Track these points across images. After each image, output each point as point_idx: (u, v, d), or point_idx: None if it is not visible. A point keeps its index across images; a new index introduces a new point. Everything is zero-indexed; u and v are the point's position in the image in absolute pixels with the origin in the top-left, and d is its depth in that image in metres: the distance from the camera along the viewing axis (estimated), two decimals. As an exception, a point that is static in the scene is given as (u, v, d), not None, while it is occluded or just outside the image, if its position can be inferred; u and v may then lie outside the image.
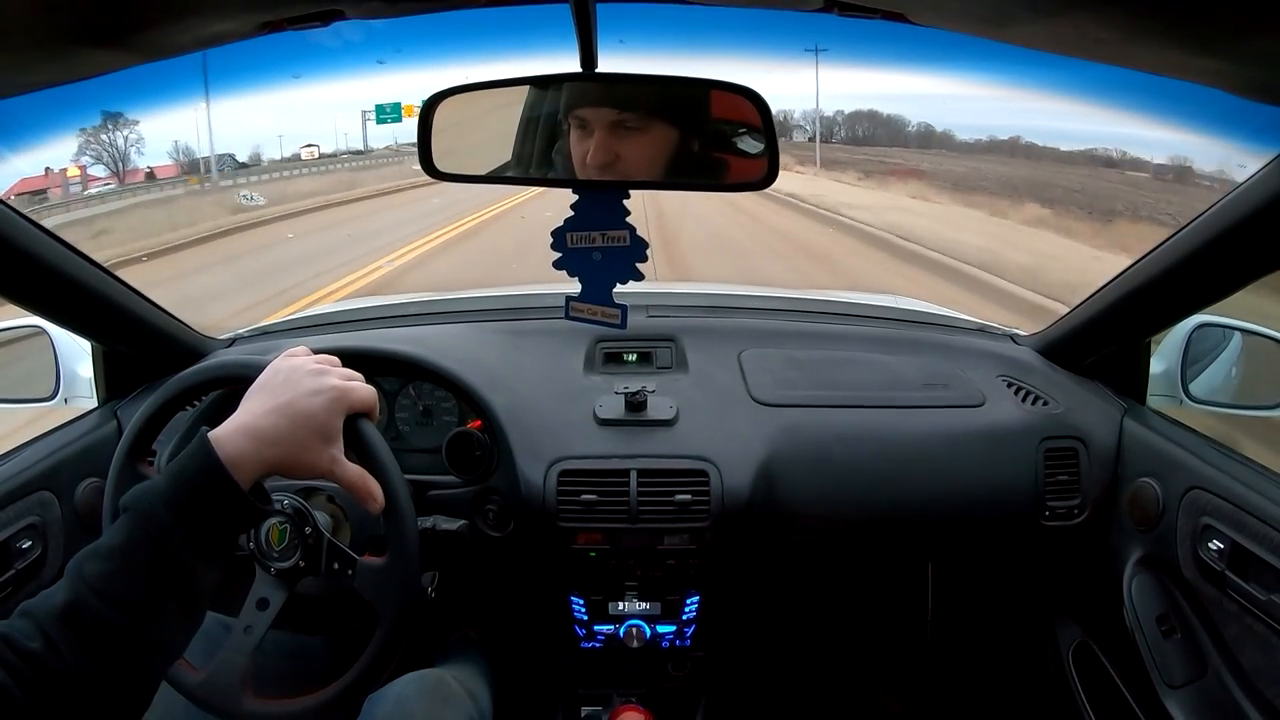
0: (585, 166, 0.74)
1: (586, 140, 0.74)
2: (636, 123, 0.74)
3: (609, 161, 0.73)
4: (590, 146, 0.73)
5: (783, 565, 1.32)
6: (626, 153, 0.74)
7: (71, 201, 14.60)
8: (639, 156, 0.74)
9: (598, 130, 0.73)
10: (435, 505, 1.06)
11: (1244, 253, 0.85)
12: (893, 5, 0.56)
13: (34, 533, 0.98)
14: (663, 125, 0.75)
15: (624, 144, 0.74)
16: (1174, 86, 0.53)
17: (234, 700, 0.77)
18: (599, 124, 0.73)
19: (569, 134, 0.75)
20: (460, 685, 0.98)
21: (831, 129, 26.91)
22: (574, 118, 0.74)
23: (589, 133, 0.74)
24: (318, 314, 1.52)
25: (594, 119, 0.73)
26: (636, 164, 0.74)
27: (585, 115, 0.74)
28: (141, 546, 0.57)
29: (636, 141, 0.74)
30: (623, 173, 0.74)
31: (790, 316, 1.40)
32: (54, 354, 1.18)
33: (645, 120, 0.74)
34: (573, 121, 0.75)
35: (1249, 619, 0.87)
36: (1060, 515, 1.11)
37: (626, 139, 0.74)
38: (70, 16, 0.48)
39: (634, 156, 0.74)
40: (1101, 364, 1.21)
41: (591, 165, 0.73)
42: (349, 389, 0.73)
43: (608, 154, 0.73)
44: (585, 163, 0.74)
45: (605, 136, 0.73)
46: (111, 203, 15.17)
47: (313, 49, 21.24)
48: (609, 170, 0.73)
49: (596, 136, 0.73)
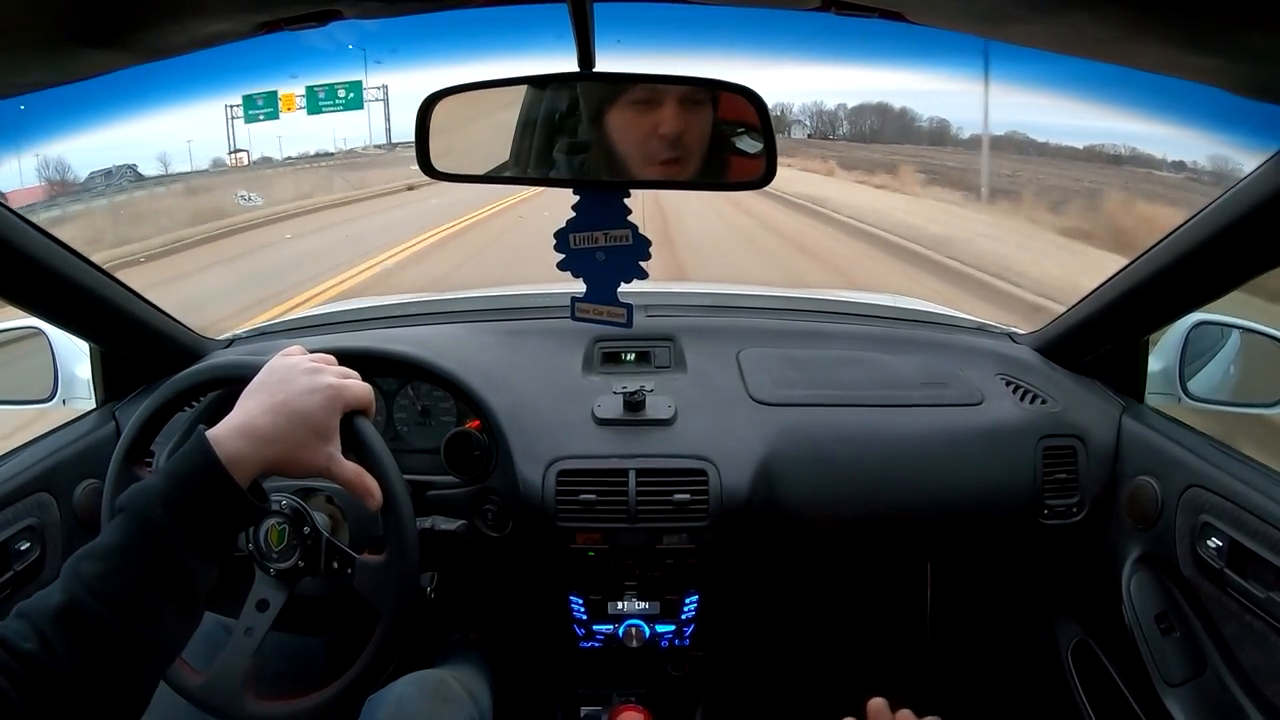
0: (651, 140, 0.74)
1: (652, 114, 0.73)
2: (700, 96, 0.74)
3: (681, 132, 0.74)
4: (662, 118, 0.73)
5: (781, 565, 1.32)
6: (692, 126, 0.74)
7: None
8: (698, 132, 0.75)
9: (669, 102, 0.73)
10: (434, 505, 1.06)
11: (1242, 250, 0.85)
12: (890, 4, 0.56)
13: (32, 534, 0.98)
14: (709, 108, 0.75)
15: (691, 117, 0.74)
16: (1172, 85, 0.53)
17: (235, 702, 0.77)
18: (672, 94, 0.73)
19: (599, 123, 0.74)
20: (461, 686, 0.98)
21: (833, 124, 25.92)
22: (638, 91, 0.74)
23: (655, 106, 0.73)
24: (316, 314, 1.52)
25: (666, 90, 0.73)
26: (696, 139, 0.75)
27: (648, 92, 0.73)
28: (138, 546, 0.57)
29: (699, 117, 0.74)
30: (687, 147, 0.74)
31: (789, 316, 1.40)
32: (52, 355, 1.18)
33: (705, 96, 0.74)
34: (627, 100, 0.74)
35: (1248, 617, 0.87)
36: (1059, 514, 1.11)
37: (692, 113, 0.74)
38: (67, 17, 0.48)
39: (697, 131, 0.75)
40: (1100, 362, 1.21)
41: (668, 134, 0.73)
42: (345, 387, 0.73)
43: (681, 122, 0.73)
44: (653, 135, 0.73)
45: (677, 107, 0.73)
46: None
47: (309, 50, 20.64)
48: (678, 144, 0.74)
49: (669, 108, 0.73)
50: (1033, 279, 6.78)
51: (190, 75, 18.14)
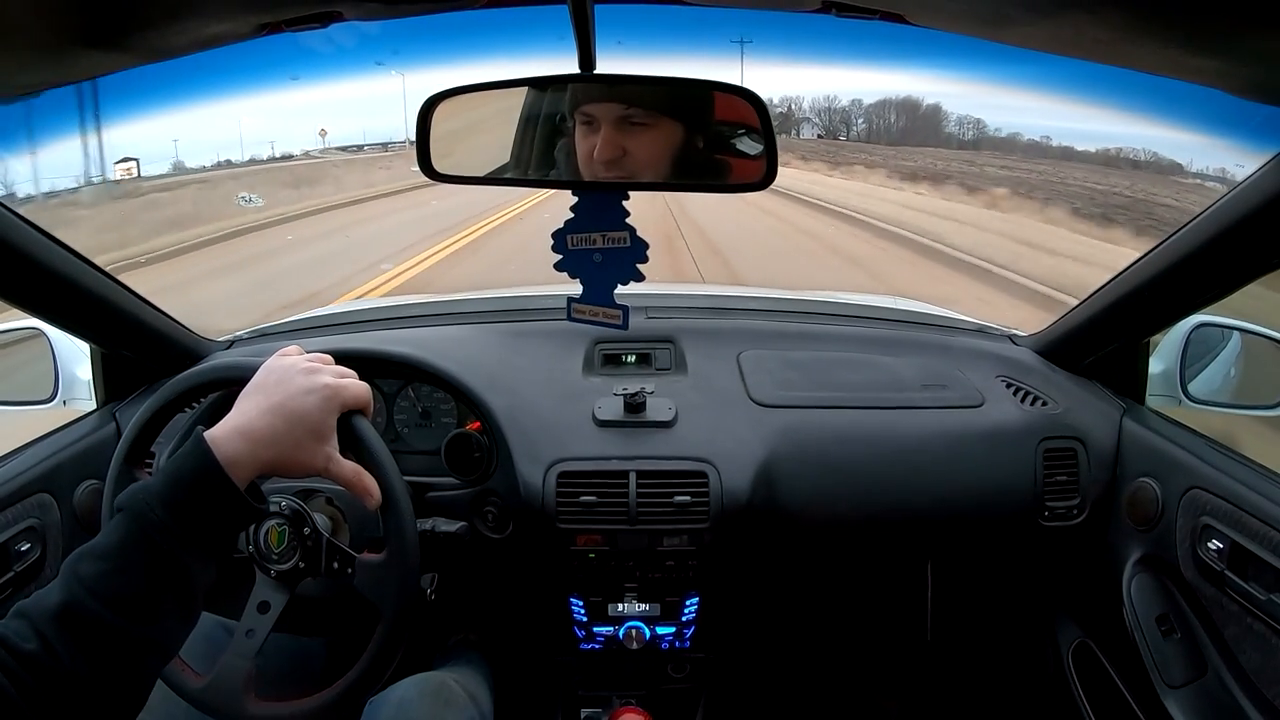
0: (591, 163, 0.73)
1: (593, 136, 0.73)
2: (643, 118, 0.73)
3: (615, 157, 0.73)
4: (597, 142, 0.73)
5: (782, 566, 1.31)
6: (633, 148, 0.73)
7: None
8: (645, 153, 0.74)
9: (604, 125, 0.73)
10: (434, 507, 1.06)
11: (1243, 252, 0.85)
12: (890, 6, 0.56)
13: (33, 535, 0.98)
14: (669, 122, 0.74)
15: (631, 139, 0.73)
16: (1173, 86, 0.53)
17: (238, 704, 0.77)
18: (605, 119, 0.73)
19: (573, 132, 0.75)
20: (461, 688, 0.98)
21: (848, 122, 24.60)
22: (580, 114, 0.74)
23: (595, 128, 0.73)
24: (317, 315, 1.52)
25: (600, 114, 0.73)
26: (643, 160, 0.74)
27: (591, 111, 0.73)
28: (137, 546, 0.57)
29: (643, 137, 0.74)
30: (629, 169, 0.73)
31: (789, 317, 1.40)
32: (52, 356, 1.18)
33: (652, 116, 0.74)
34: (578, 118, 0.74)
35: (1248, 619, 0.87)
36: (1059, 515, 1.11)
37: (633, 135, 0.73)
38: (69, 18, 0.48)
39: (640, 153, 0.74)
40: (1100, 364, 1.21)
41: (598, 160, 0.73)
42: (342, 386, 0.73)
43: (614, 149, 0.73)
44: (591, 158, 0.73)
45: (612, 132, 0.73)
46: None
47: (307, 51, 20.18)
48: (615, 166, 0.73)
49: (603, 132, 0.73)
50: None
51: (190, 76, 17.75)
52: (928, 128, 20.79)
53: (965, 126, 19.65)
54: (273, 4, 0.56)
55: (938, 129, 20.69)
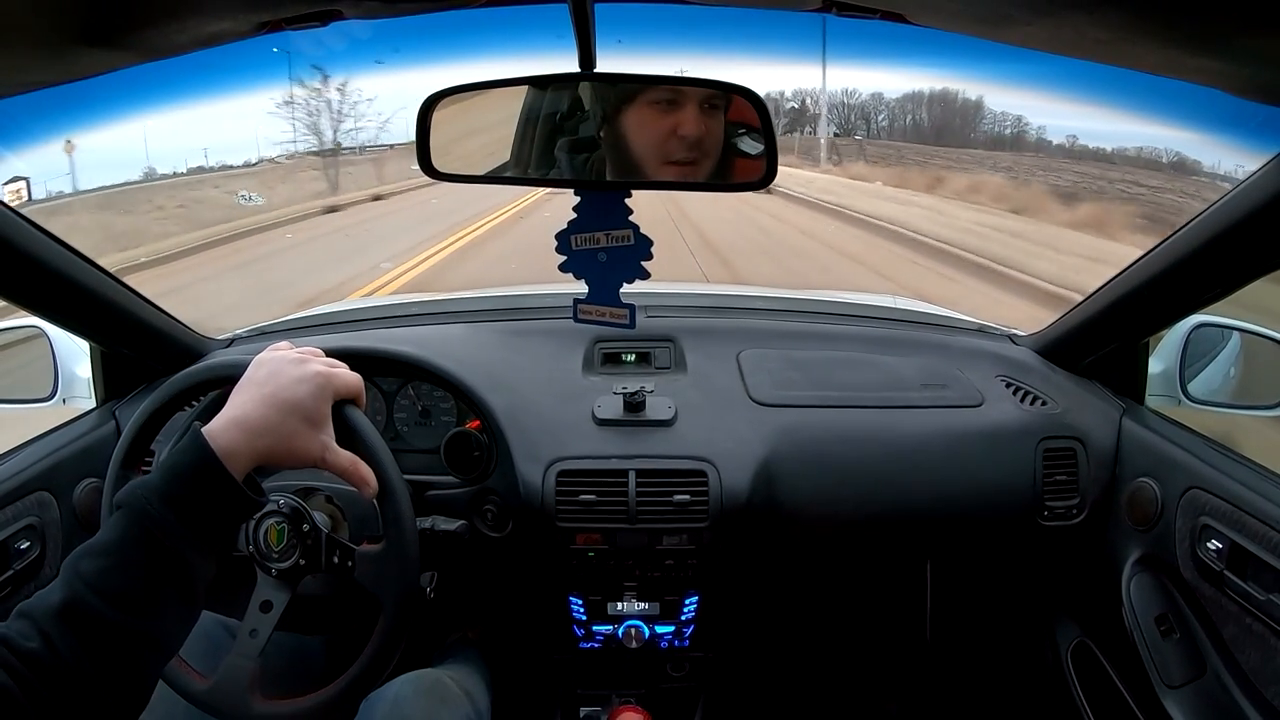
0: (667, 143, 0.74)
1: (672, 115, 0.73)
2: (718, 101, 0.74)
3: (702, 135, 0.73)
4: (681, 119, 0.73)
5: (781, 565, 1.32)
6: (711, 130, 0.74)
7: None
8: (716, 136, 0.75)
9: (691, 104, 0.73)
10: (434, 505, 1.06)
11: (1243, 252, 0.85)
12: (891, 5, 0.56)
13: (32, 533, 0.98)
14: (723, 113, 0.75)
15: (710, 121, 0.74)
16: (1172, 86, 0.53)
17: (243, 704, 0.77)
18: (693, 97, 0.73)
19: (614, 122, 0.74)
20: (458, 686, 0.98)
21: (866, 119, 22.17)
22: (660, 91, 0.74)
23: (676, 107, 0.73)
24: (317, 314, 1.52)
25: (689, 92, 0.73)
26: (714, 142, 0.74)
27: (680, 89, 0.73)
28: (137, 542, 0.57)
29: (716, 121, 0.74)
30: (703, 151, 0.74)
31: (789, 317, 1.40)
32: (52, 355, 1.18)
33: (722, 101, 0.74)
34: (648, 100, 0.74)
35: (1248, 619, 0.87)
36: (1059, 515, 1.11)
37: (711, 117, 0.74)
38: (68, 16, 0.48)
39: (714, 134, 0.74)
40: (1100, 364, 1.21)
41: (687, 135, 0.73)
42: (333, 374, 0.73)
43: (702, 126, 0.73)
44: (668, 138, 0.73)
45: (698, 110, 0.73)
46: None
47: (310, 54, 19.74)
48: (695, 148, 0.74)
49: (690, 109, 0.73)
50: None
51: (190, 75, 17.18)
52: (964, 124, 18.02)
53: (1003, 123, 16.98)
54: (273, 2, 0.56)
55: (973, 126, 17.86)
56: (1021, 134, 16.10)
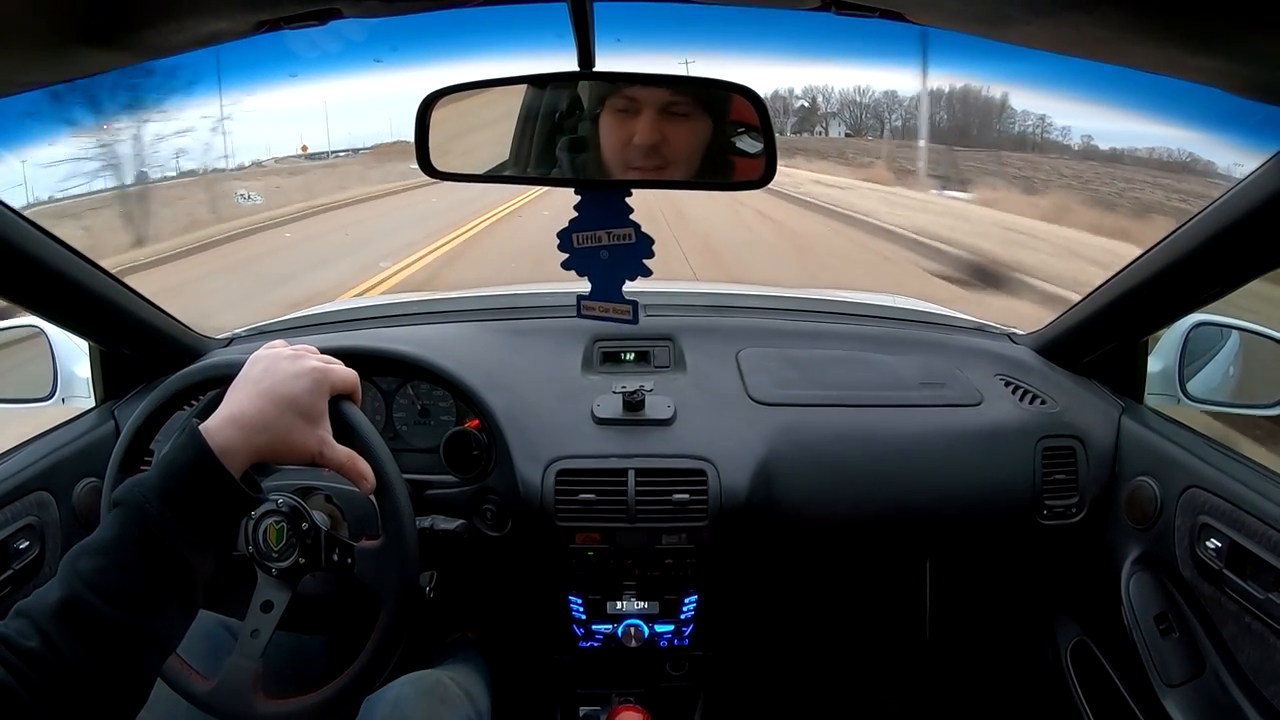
0: (625, 150, 0.73)
1: (630, 123, 0.73)
2: (685, 108, 0.73)
3: (656, 143, 0.72)
4: (637, 128, 0.72)
5: (781, 564, 1.32)
6: (672, 137, 0.73)
7: None
8: (682, 144, 0.73)
9: (647, 111, 0.72)
10: (433, 505, 1.06)
11: (1242, 251, 0.85)
12: (891, 4, 0.56)
13: (31, 533, 0.98)
14: (703, 117, 0.74)
15: (670, 128, 0.73)
16: (1172, 85, 0.53)
17: (246, 705, 0.77)
18: (650, 104, 0.72)
19: (596, 122, 0.73)
20: (458, 686, 0.98)
21: (880, 118, 20.25)
22: (619, 99, 0.73)
23: (634, 115, 0.73)
24: (316, 313, 1.52)
25: (645, 99, 0.72)
26: (677, 151, 0.73)
27: (636, 95, 0.72)
28: (135, 540, 0.57)
29: (681, 128, 0.73)
30: (665, 158, 0.73)
31: (788, 316, 1.40)
32: (51, 354, 1.18)
33: (692, 108, 0.73)
34: (612, 105, 0.73)
35: (1247, 617, 0.87)
36: (1058, 514, 1.11)
37: (673, 124, 0.73)
38: (67, 16, 0.48)
39: (678, 142, 0.73)
40: (1099, 363, 1.21)
41: (639, 144, 0.72)
42: (329, 370, 0.73)
43: (656, 134, 0.72)
44: (626, 146, 0.73)
45: (655, 117, 0.72)
46: None
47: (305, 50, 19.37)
48: (653, 155, 0.73)
49: (646, 116, 0.72)
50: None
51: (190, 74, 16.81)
52: (984, 123, 15.96)
53: (1028, 122, 14.81)
54: (271, 2, 0.55)
55: (995, 125, 15.69)
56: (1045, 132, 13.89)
